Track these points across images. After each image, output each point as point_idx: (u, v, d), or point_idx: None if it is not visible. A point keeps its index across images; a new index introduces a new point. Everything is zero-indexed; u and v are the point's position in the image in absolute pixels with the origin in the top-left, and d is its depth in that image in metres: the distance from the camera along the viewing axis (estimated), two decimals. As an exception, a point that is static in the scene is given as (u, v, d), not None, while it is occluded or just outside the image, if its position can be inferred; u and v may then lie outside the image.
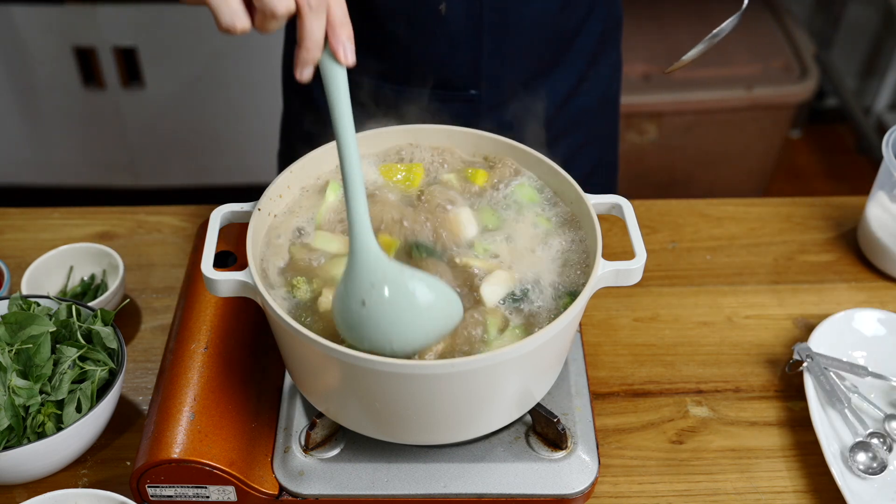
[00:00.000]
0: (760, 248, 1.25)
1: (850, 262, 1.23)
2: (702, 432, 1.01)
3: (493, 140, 0.97)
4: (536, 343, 0.77)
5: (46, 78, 2.45)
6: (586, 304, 0.83)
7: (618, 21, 1.29)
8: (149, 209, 1.29)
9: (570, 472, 0.89)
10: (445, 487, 0.88)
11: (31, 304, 0.97)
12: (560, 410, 0.94)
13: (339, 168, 0.97)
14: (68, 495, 0.85)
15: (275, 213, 0.91)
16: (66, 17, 2.33)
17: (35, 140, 2.60)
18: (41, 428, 0.90)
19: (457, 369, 0.75)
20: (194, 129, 2.59)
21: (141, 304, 1.15)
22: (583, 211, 0.90)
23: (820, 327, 1.07)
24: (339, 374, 0.80)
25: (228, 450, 0.87)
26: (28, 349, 0.91)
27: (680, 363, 1.09)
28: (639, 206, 1.28)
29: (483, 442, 0.92)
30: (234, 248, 1.03)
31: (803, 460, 0.98)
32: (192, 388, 0.90)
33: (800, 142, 3.07)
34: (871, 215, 1.20)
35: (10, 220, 1.26)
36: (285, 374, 0.98)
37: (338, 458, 0.90)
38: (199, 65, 2.44)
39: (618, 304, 1.16)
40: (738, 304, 1.16)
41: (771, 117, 2.51)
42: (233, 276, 0.81)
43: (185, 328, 0.96)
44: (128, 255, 1.19)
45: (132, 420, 1.01)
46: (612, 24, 1.27)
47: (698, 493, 0.95)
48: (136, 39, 2.39)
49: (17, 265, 1.16)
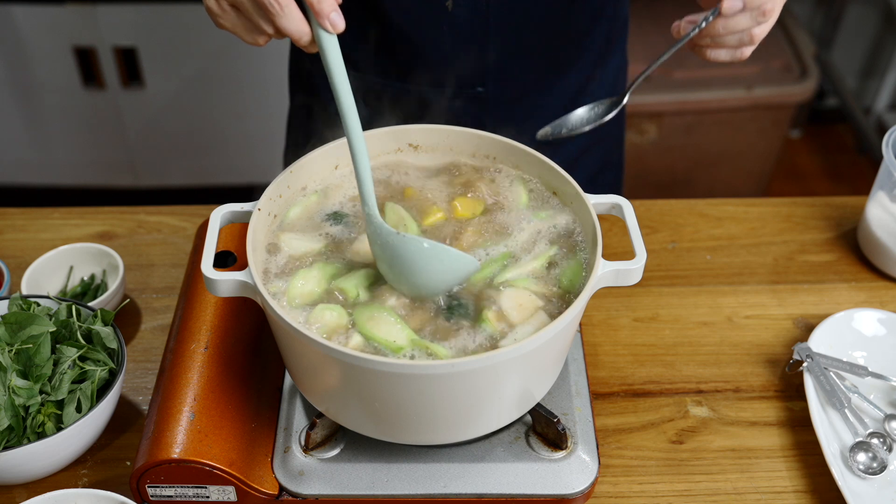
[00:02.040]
0: (760, 248, 1.25)
1: (850, 262, 1.23)
2: (702, 432, 1.01)
3: (493, 140, 0.97)
4: (536, 343, 0.77)
5: (46, 78, 2.45)
6: (586, 304, 0.83)
7: (624, 21, 1.29)
8: (149, 209, 1.29)
9: (570, 472, 0.89)
10: (445, 487, 0.88)
11: (31, 304, 0.97)
12: (560, 410, 0.94)
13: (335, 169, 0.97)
14: (68, 495, 0.85)
15: (275, 213, 0.91)
16: (66, 17, 2.33)
17: (35, 140, 2.60)
18: (41, 428, 0.90)
19: (457, 369, 0.75)
20: (194, 129, 2.59)
21: (141, 304, 1.15)
22: (583, 211, 0.90)
23: (820, 327, 1.07)
24: (339, 374, 0.80)
25: (228, 450, 0.87)
26: (28, 349, 0.91)
27: (680, 363, 1.09)
28: (639, 206, 1.28)
29: (483, 442, 0.92)
30: (234, 248, 1.03)
31: (803, 460, 0.98)
32: (192, 388, 0.90)
33: (800, 142, 3.07)
34: (871, 215, 1.20)
35: (10, 220, 1.26)
36: (285, 374, 0.98)
37: (338, 458, 0.90)
38: (199, 65, 2.44)
39: (618, 304, 1.16)
40: (738, 304, 1.16)
41: (771, 117, 2.51)
42: (233, 276, 0.81)
43: (185, 328, 0.96)
44: (128, 255, 1.19)
45: (132, 420, 1.01)
46: (619, 24, 1.27)
47: (698, 493, 0.95)
48: (136, 39, 2.39)
49: (17, 265, 1.16)
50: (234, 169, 2.68)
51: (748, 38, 0.89)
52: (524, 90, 1.21)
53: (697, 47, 0.91)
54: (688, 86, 2.41)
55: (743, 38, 0.89)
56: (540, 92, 1.23)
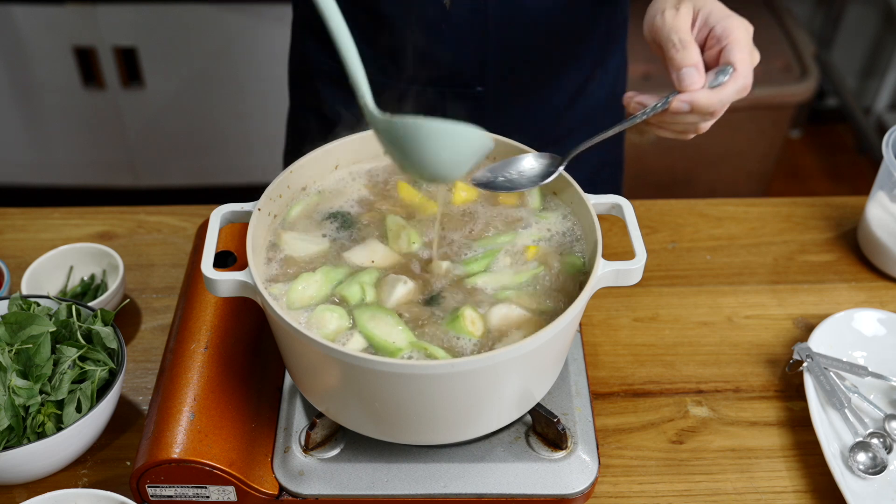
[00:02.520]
0: (760, 248, 1.25)
1: (850, 262, 1.23)
2: (702, 432, 1.01)
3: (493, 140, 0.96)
4: (536, 343, 0.77)
5: (46, 78, 2.45)
6: (586, 304, 0.83)
7: (624, 21, 1.29)
8: (149, 209, 1.29)
9: (570, 472, 0.89)
10: (445, 487, 0.88)
11: (31, 304, 0.97)
12: (560, 410, 0.94)
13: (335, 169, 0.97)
14: (68, 495, 0.85)
15: (275, 213, 0.91)
16: (66, 17, 2.33)
17: (35, 140, 2.60)
18: (41, 428, 0.90)
19: (457, 369, 0.75)
20: (194, 129, 2.59)
21: (141, 304, 1.15)
22: (583, 211, 0.90)
23: (820, 327, 1.07)
24: (338, 374, 0.80)
25: (228, 450, 0.87)
26: (28, 349, 0.91)
27: (680, 363, 1.09)
28: (639, 206, 1.28)
29: (483, 442, 0.92)
30: (234, 248, 1.03)
31: (803, 460, 0.98)
32: (192, 388, 0.90)
33: (800, 142, 3.07)
34: (871, 215, 1.20)
35: (10, 220, 1.26)
36: (285, 374, 0.98)
37: (338, 458, 0.90)
38: (199, 65, 2.44)
39: (618, 304, 1.16)
40: (738, 304, 1.16)
41: (771, 117, 2.51)
42: (233, 276, 0.81)
43: (185, 328, 0.96)
44: (128, 255, 1.19)
45: (132, 420, 1.01)
46: (619, 23, 1.27)
47: (698, 493, 0.95)
48: (136, 39, 2.39)
49: (17, 265, 1.16)
50: (234, 169, 2.68)
51: (693, 129, 0.91)
52: (524, 89, 1.21)
53: (645, 123, 0.91)
54: (688, 86, 2.40)
55: (688, 128, 0.91)
56: (540, 91, 1.23)
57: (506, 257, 0.89)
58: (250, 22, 2.34)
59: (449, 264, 0.88)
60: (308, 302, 0.84)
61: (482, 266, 0.88)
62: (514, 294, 0.85)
